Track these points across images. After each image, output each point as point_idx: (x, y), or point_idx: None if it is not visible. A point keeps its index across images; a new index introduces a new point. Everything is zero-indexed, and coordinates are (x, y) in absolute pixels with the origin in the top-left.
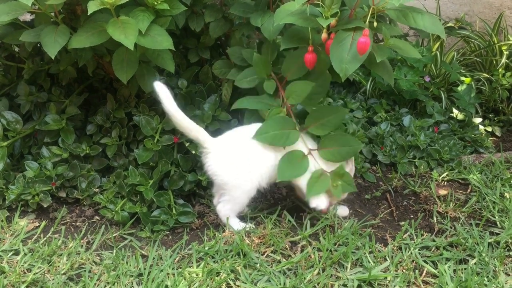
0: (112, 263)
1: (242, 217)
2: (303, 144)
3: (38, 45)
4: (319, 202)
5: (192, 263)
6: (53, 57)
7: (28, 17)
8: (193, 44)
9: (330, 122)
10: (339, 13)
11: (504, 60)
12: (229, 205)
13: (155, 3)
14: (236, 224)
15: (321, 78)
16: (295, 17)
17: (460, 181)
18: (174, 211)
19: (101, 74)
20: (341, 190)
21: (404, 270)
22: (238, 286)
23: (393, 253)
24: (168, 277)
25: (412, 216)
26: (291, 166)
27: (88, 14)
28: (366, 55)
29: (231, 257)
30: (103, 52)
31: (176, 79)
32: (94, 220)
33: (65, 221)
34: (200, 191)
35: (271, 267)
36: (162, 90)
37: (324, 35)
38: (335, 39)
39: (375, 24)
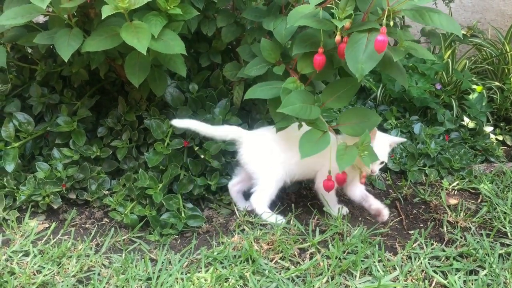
0: (121, 266)
1: (251, 223)
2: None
3: (51, 47)
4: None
5: (201, 268)
6: (66, 60)
7: (41, 18)
8: (204, 49)
9: (346, 94)
10: (353, 16)
11: None
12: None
13: (168, 7)
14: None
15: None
16: (308, 19)
17: (470, 190)
18: (183, 215)
19: (113, 77)
20: (369, 160)
21: (413, 280)
22: None
23: (402, 262)
24: (177, 282)
25: (422, 225)
26: (311, 143)
27: (102, 18)
28: (382, 54)
29: (240, 263)
30: (115, 55)
31: (187, 83)
32: (103, 222)
33: (75, 222)
34: (209, 195)
35: (280, 274)
36: (189, 123)
37: (338, 37)
38: (350, 41)
39: (391, 24)
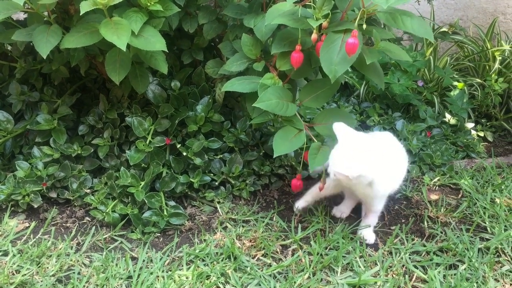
0: (102, 265)
1: (234, 220)
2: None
3: (31, 44)
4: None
5: (182, 266)
6: (44, 57)
7: (21, 16)
8: (186, 46)
9: (324, 94)
10: (330, 15)
11: (497, 65)
12: None
13: (149, 4)
14: None
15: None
16: (286, 17)
17: (451, 186)
18: (165, 213)
19: (94, 74)
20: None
21: (394, 275)
22: None
23: (383, 257)
24: (158, 280)
25: (403, 221)
26: (286, 141)
27: (81, 14)
28: (355, 56)
29: (222, 260)
30: (95, 52)
31: (169, 80)
32: (85, 221)
33: (56, 221)
34: (191, 193)
35: (262, 270)
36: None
37: (314, 35)
38: (326, 41)
39: (364, 26)
